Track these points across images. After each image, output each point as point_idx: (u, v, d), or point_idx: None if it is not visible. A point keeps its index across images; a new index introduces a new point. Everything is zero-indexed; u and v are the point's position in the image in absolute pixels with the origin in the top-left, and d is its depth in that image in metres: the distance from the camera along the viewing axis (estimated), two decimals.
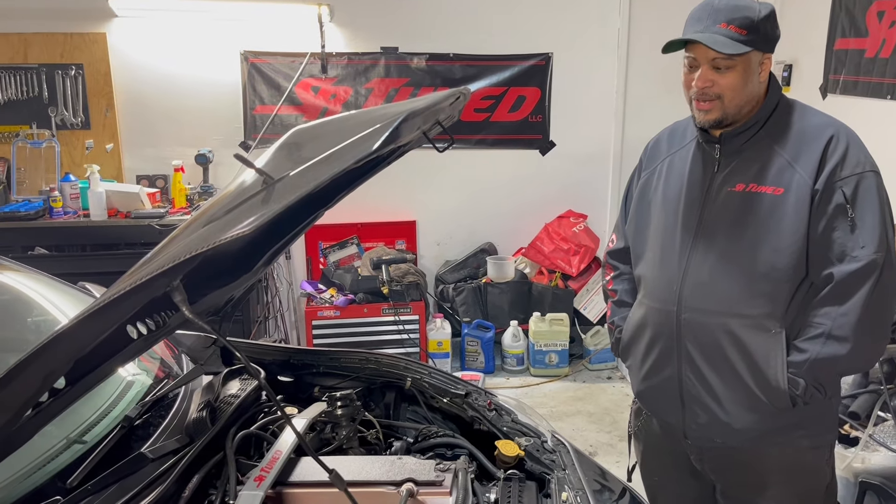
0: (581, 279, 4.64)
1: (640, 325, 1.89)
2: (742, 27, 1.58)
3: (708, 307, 1.72)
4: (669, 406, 1.84)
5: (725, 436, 1.76)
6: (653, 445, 2.01)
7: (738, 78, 1.62)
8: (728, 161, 1.73)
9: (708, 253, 1.73)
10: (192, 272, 1.06)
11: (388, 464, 1.48)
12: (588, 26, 4.56)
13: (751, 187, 1.68)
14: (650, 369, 1.86)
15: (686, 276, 1.75)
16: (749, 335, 1.68)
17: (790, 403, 1.65)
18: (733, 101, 1.64)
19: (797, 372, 1.64)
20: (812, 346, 1.62)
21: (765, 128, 1.70)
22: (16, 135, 4.18)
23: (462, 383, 1.93)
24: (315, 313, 4.28)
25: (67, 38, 4.20)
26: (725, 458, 1.81)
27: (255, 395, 1.76)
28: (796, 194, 1.63)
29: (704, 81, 1.64)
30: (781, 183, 1.65)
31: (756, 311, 1.67)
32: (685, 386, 1.78)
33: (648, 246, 1.88)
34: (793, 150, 1.66)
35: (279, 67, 4.39)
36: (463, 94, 1.61)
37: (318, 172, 1.10)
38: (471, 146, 4.62)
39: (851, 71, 3.43)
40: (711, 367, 1.73)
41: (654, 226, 1.87)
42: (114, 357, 1.28)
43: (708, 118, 1.67)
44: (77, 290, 2.06)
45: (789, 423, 1.70)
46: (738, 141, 1.71)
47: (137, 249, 3.80)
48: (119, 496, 1.29)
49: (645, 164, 1.97)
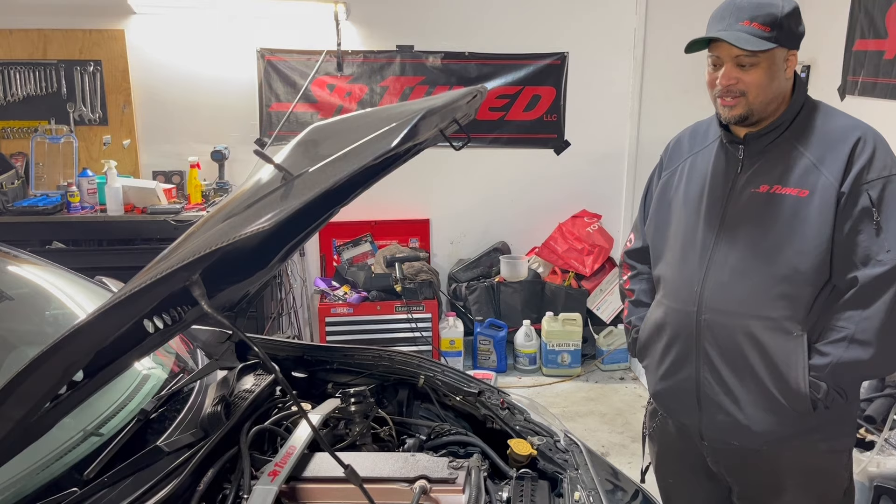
0: (595, 279, 4.62)
1: (658, 325, 1.87)
2: (765, 24, 1.57)
3: (728, 308, 1.71)
4: (686, 407, 1.83)
5: (743, 438, 1.74)
6: (668, 447, 2.00)
7: (763, 75, 1.60)
8: (752, 162, 1.71)
9: (729, 254, 1.72)
10: (210, 267, 1.07)
11: (401, 461, 1.48)
12: (604, 26, 4.54)
13: (775, 189, 1.66)
14: (668, 370, 1.85)
15: (707, 276, 1.74)
16: (770, 337, 1.67)
17: (811, 407, 1.64)
18: (758, 98, 1.62)
19: (819, 375, 1.62)
20: (835, 350, 1.61)
21: (790, 129, 1.68)
22: (34, 130, 4.23)
23: (475, 382, 1.93)
24: (328, 310, 4.29)
25: (86, 34, 4.23)
26: (742, 460, 1.80)
27: (270, 391, 1.77)
28: (821, 197, 1.61)
29: (729, 79, 1.62)
30: (806, 185, 1.63)
31: (777, 313, 1.66)
32: (703, 387, 1.77)
33: (668, 246, 1.87)
34: (818, 152, 1.64)
35: (295, 65, 4.40)
36: (480, 92, 1.61)
37: (337, 169, 1.10)
38: (485, 145, 4.62)
39: (870, 72, 3.40)
40: (730, 368, 1.72)
41: (674, 226, 1.86)
42: (131, 351, 1.29)
43: (733, 113, 1.65)
44: (94, 284, 2.07)
45: (808, 427, 1.69)
46: (763, 142, 1.69)
47: (153, 245, 3.83)
48: (134, 489, 1.30)
49: (665, 163, 1.96)
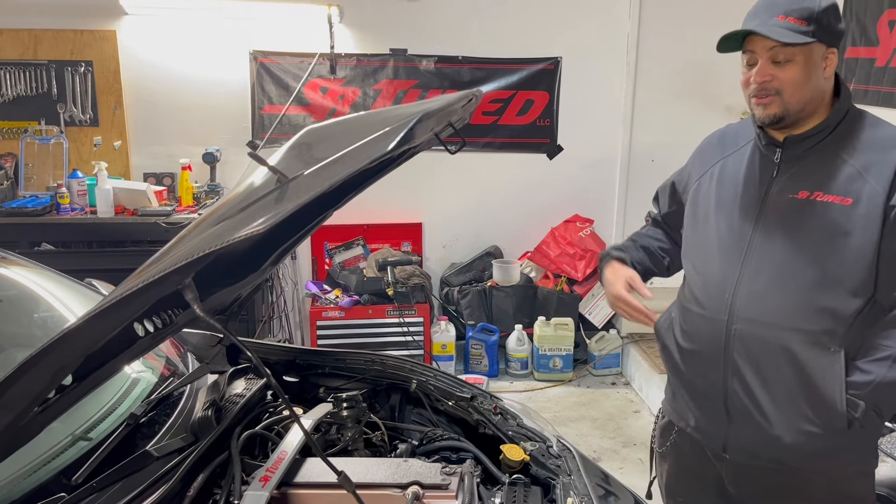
0: (587, 284, 4.63)
1: (683, 331, 1.79)
2: (801, 18, 1.50)
3: (763, 319, 1.62)
4: (712, 418, 1.73)
5: (771, 451, 1.65)
6: (681, 465, 1.89)
7: (799, 71, 1.53)
8: (788, 167, 1.63)
9: (764, 262, 1.63)
10: (202, 270, 1.06)
11: (393, 466, 1.47)
12: (597, 31, 4.55)
13: (815, 195, 1.57)
14: (691, 379, 1.77)
15: (739, 284, 1.65)
16: (806, 351, 1.58)
17: (846, 425, 1.56)
18: (794, 97, 1.55)
19: (859, 394, 1.53)
20: (878, 369, 1.52)
21: (833, 134, 1.60)
22: (24, 131, 4.19)
23: (468, 386, 1.92)
24: (320, 314, 4.27)
25: (78, 34, 4.21)
26: (767, 481, 1.70)
27: (261, 395, 1.76)
28: (867, 206, 1.52)
29: (763, 75, 1.55)
30: (850, 193, 1.53)
31: (816, 326, 1.57)
32: (731, 399, 1.68)
33: (700, 250, 1.78)
34: (863, 160, 1.55)
35: (288, 67, 4.39)
36: (475, 96, 1.61)
37: (333, 172, 1.10)
38: (478, 149, 4.62)
39: (862, 80, 3.42)
40: (761, 381, 1.63)
41: (704, 230, 1.77)
42: (121, 354, 1.28)
43: (768, 113, 1.57)
44: (83, 286, 2.06)
45: (838, 446, 1.61)
46: (802, 146, 1.61)
47: (144, 247, 3.81)
48: (123, 494, 1.28)
49: (695, 166, 1.87)
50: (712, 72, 4.26)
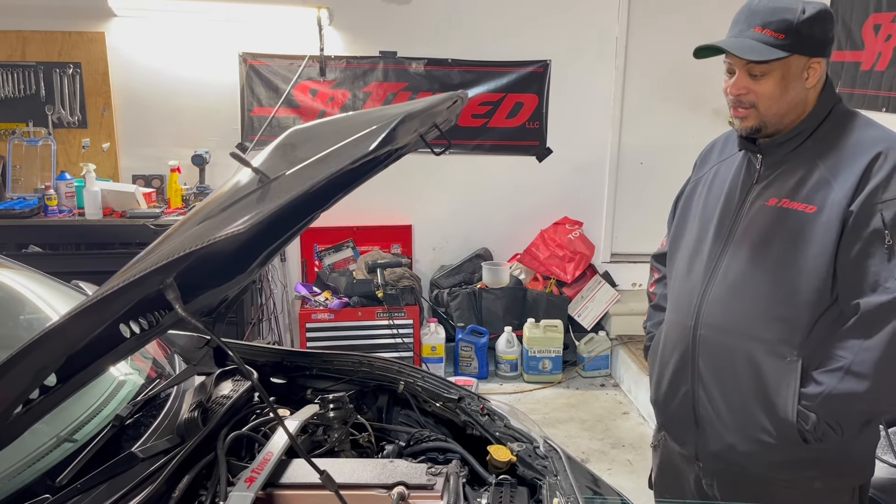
0: (576, 286, 4.64)
1: (660, 337, 1.81)
2: (779, 31, 1.48)
3: (723, 325, 1.62)
4: (684, 426, 1.75)
5: (734, 458, 1.65)
6: (667, 461, 1.92)
7: (775, 85, 1.51)
8: (769, 173, 1.62)
9: (731, 269, 1.63)
10: (187, 271, 1.06)
11: (379, 467, 1.47)
12: (586, 34, 4.57)
13: (783, 202, 1.56)
14: (667, 385, 1.78)
15: (706, 291, 1.66)
16: (763, 360, 1.57)
17: (800, 438, 1.53)
18: (770, 110, 1.54)
19: (809, 405, 1.51)
20: (828, 380, 1.49)
21: (812, 138, 1.57)
22: (12, 132, 4.18)
23: (455, 388, 1.92)
24: (309, 316, 4.27)
25: (66, 36, 4.19)
26: (737, 485, 1.69)
27: (248, 397, 1.75)
28: (828, 214, 1.49)
29: (738, 89, 1.54)
30: (815, 200, 1.52)
31: (772, 335, 1.56)
32: (698, 405, 1.69)
33: (679, 256, 1.79)
34: (833, 165, 1.52)
35: (277, 70, 4.39)
36: (460, 97, 1.61)
37: (315, 172, 1.10)
38: (468, 151, 4.63)
39: (847, 83, 3.45)
40: (721, 388, 1.64)
41: (687, 235, 1.78)
42: (106, 355, 1.27)
43: (745, 125, 1.57)
44: (70, 288, 2.05)
45: (799, 459, 1.58)
46: (780, 151, 1.60)
47: (132, 249, 3.80)
48: (108, 495, 1.27)
49: (695, 170, 1.88)
50: (700, 75, 4.27)
